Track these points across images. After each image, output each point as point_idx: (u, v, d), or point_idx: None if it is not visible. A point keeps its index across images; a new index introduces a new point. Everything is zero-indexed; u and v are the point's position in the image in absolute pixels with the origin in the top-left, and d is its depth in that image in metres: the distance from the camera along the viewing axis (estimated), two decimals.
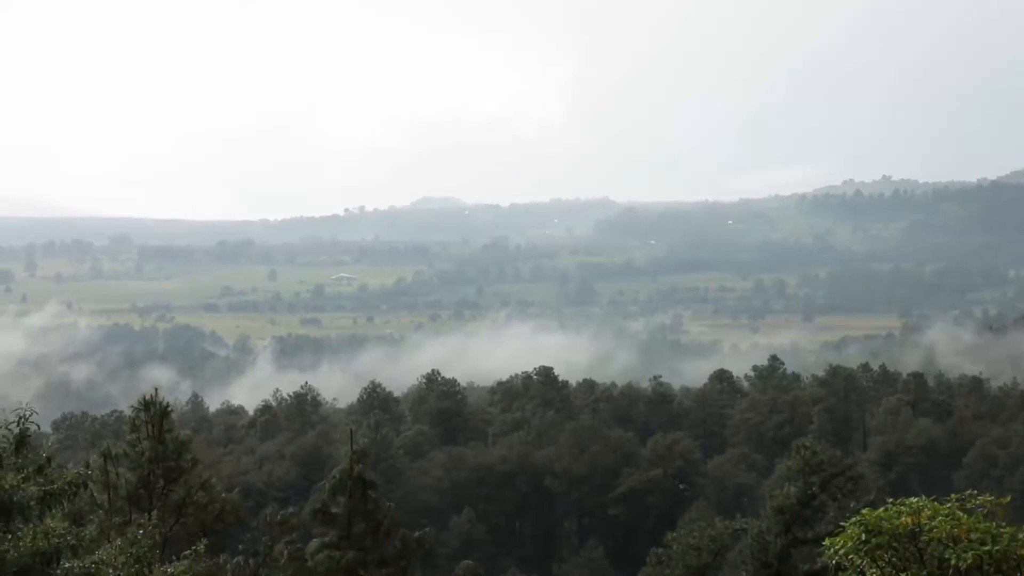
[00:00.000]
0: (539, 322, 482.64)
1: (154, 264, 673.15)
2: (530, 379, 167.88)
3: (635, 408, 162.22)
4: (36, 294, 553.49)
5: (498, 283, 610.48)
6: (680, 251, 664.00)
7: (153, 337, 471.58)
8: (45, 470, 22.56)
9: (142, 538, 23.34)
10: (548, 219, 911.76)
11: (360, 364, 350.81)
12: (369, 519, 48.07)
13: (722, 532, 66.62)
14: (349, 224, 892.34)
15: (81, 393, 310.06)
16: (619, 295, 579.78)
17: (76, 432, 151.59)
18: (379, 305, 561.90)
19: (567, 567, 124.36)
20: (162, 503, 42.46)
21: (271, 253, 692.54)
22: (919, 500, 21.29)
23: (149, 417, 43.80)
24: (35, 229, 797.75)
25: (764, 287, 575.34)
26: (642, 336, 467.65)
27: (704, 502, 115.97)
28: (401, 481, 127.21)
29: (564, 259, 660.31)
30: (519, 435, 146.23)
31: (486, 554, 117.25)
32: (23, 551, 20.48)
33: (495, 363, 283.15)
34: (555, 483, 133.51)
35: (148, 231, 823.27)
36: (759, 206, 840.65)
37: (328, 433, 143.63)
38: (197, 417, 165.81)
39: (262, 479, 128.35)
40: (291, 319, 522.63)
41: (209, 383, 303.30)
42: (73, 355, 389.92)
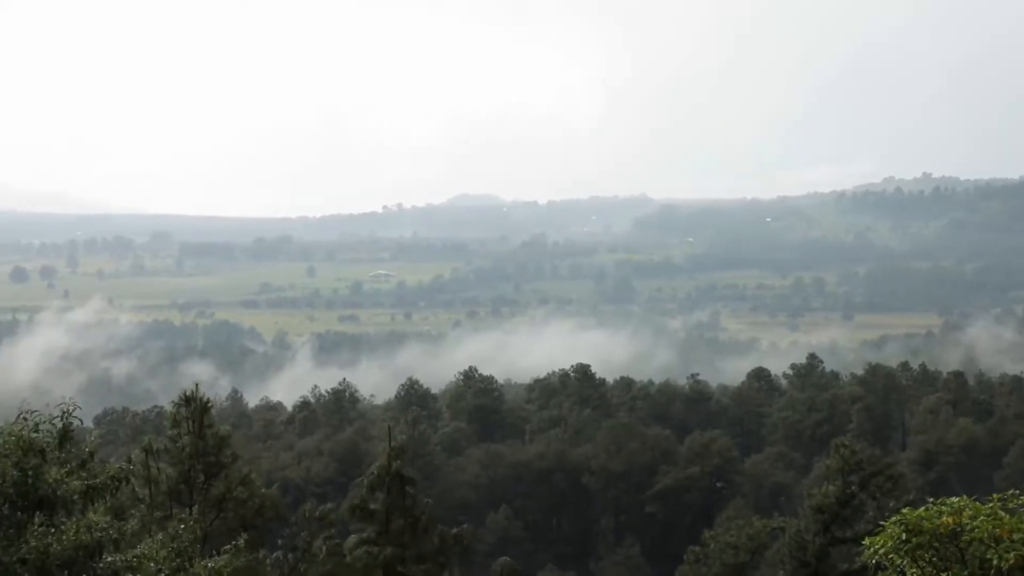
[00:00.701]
0: (577, 320, 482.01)
1: (194, 261, 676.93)
2: (567, 376, 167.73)
3: (672, 406, 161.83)
4: (78, 290, 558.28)
5: (536, 280, 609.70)
6: (718, 248, 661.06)
7: (193, 333, 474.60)
8: (88, 465, 22.75)
9: (183, 532, 23.49)
10: (586, 216, 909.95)
11: (398, 361, 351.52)
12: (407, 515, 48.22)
13: (760, 531, 66.41)
14: (387, 221, 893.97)
15: (122, 388, 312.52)
16: (657, 293, 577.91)
17: (117, 427, 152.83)
18: (417, 302, 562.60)
19: (604, 564, 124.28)
20: (202, 498, 42.76)
21: (310, 250, 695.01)
22: (960, 500, 21.16)
23: (190, 412, 44.12)
24: (77, 226, 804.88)
25: (803, 285, 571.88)
26: (680, 334, 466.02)
27: (741, 500, 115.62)
28: (438, 478, 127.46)
29: (602, 256, 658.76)
30: (556, 432, 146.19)
31: (523, 551, 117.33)
32: (66, 545, 20.68)
33: (532, 360, 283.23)
34: (592, 480, 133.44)
35: (188, 228, 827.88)
36: (798, 203, 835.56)
37: (366, 429, 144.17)
38: (236, 413, 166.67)
39: (301, 475, 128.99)
40: (329, 316, 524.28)
41: (248, 379, 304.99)
42: (114, 351, 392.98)
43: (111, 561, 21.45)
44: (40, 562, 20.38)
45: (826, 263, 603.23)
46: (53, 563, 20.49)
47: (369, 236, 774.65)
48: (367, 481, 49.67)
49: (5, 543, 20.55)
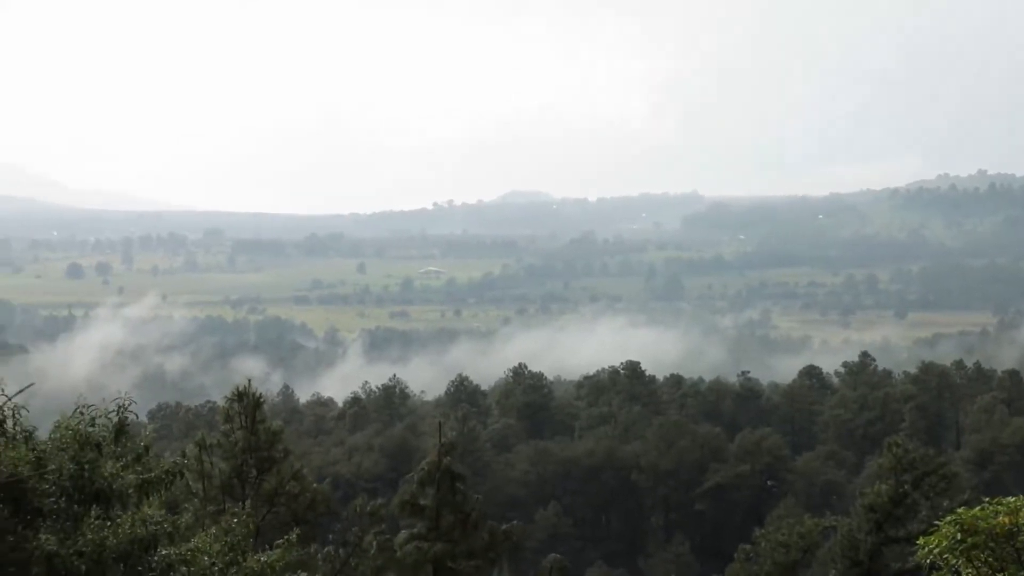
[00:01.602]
0: (626, 317, 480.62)
1: (246, 257, 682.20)
2: (617, 374, 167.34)
3: (723, 404, 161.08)
4: (133, 286, 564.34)
5: (585, 277, 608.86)
6: (769, 246, 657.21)
7: (245, 329, 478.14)
8: (143, 459, 22.95)
9: (236, 527, 23.66)
10: (636, 213, 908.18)
11: (447, 357, 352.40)
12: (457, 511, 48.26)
13: (811, 529, 65.87)
14: (437, 218, 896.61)
15: (175, 383, 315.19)
16: (707, 290, 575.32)
17: (171, 422, 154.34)
18: (466, 299, 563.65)
19: (653, 562, 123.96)
20: (255, 493, 43.04)
21: (360, 246, 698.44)
22: (1016, 499, 20.94)
23: (242, 408, 44.40)
24: (132, 223, 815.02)
25: (855, 282, 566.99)
26: (730, 331, 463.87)
27: (792, 499, 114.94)
28: (488, 474, 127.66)
29: (652, 254, 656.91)
30: (605, 429, 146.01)
31: (572, 548, 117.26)
32: (122, 538, 20.90)
33: (582, 357, 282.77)
34: (641, 478, 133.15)
35: (241, 225, 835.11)
36: (850, 200, 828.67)
37: (416, 425, 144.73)
38: (288, 408, 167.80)
39: (351, 470, 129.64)
40: (380, 312, 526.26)
41: (299, 375, 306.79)
42: (168, 346, 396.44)
43: (165, 554, 21.64)
44: (96, 555, 20.60)
45: (879, 261, 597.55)
46: (109, 556, 20.70)
47: (419, 233, 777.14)
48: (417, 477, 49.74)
49: (62, 536, 20.81)
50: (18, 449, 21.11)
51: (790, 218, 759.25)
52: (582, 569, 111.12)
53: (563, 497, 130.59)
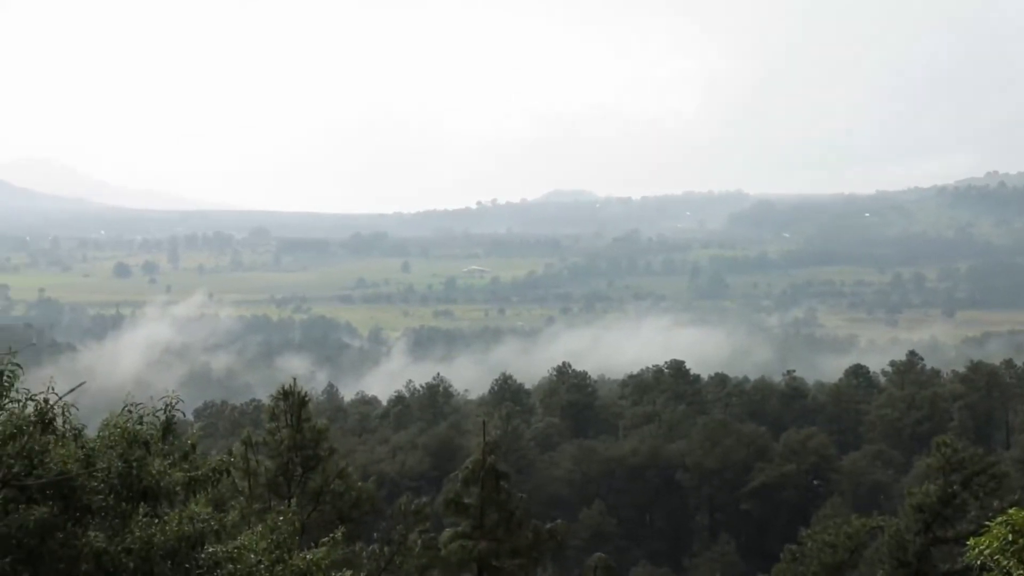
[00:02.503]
0: (670, 316, 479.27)
1: (291, 256, 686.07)
2: (661, 373, 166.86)
3: (768, 403, 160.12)
4: (179, 285, 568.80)
5: (629, 276, 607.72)
6: (815, 244, 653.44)
7: (290, 328, 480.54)
8: (190, 457, 23.07)
9: (282, 524, 23.74)
10: (680, 212, 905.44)
11: (491, 356, 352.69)
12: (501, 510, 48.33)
13: (858, 529, 65.36)
14: (481, 217, 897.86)
15: (221, 381, 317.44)
16: (752, 289, 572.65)
17: (216, 420, 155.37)
18: (510, 297, 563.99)
19: (698, 561, 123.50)
20: (300, 491, 43.24)
21: (404, 245, 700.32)
22: None
23: (288, 406, 44.64)
24: (178, 222, 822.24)
25: (902, 281, 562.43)
26: (775, 330, 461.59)
27: (839, 499, 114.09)
28: (532, 473, 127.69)
29: (696, 252, 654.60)
30: (650, 428, 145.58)
31: (616, 547, 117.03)
32: (170, 535, 21.02)
33: (626, 356, 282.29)
34: (686, 477, 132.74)
35: (286, 224, 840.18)
36: (897, 198, 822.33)
37: (460, 424, 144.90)
38: (332, 407, 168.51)
39: (395, 468, 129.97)
40: (424, 311, 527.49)
41: (344, 373, 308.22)
42: (214, 345, 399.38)
43: (212, 552, 21.75)
44: (144, 552, 20.74)
45: (926, 259, 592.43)
46: (157, 553, 20.83)
47: (463, 232, 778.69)
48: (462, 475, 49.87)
49: (111, 533, 20.96)
50: (67, 447, 21.27)
51: (836, 216, 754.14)
52: (626, 568, 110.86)
53: (607, 496, 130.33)
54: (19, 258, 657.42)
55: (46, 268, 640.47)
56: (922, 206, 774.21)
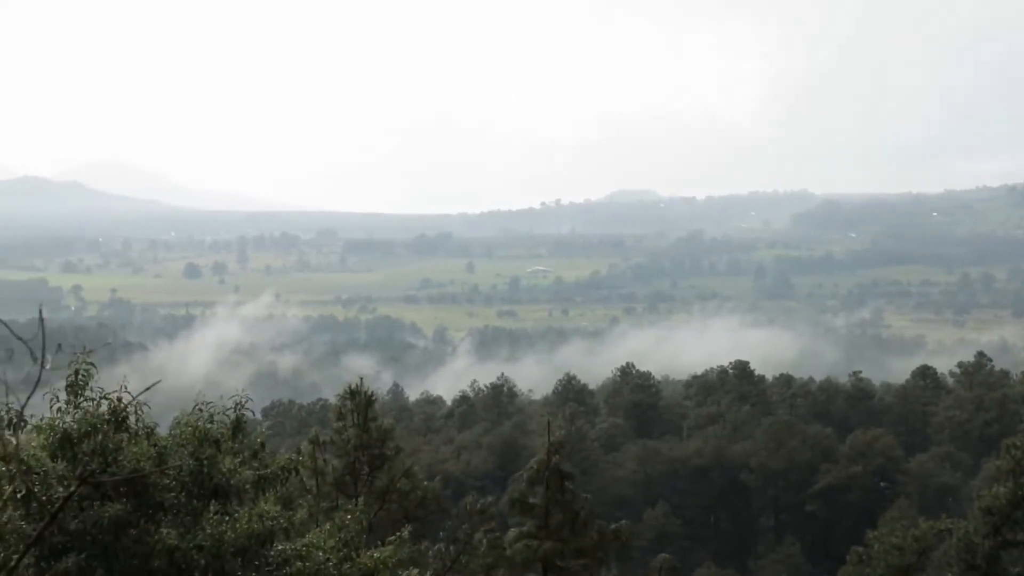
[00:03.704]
0: (734, 316, 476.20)
1: (357, 257, 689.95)
2: (725, 373, 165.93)
3: (833, 404, 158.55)
4: (247, 285, 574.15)
5: (693, 276, 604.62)
6: (882, 244, 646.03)
7: (356, 327, 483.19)
8: (259, 455, 23.39)
9: (350, 523, 24.02)
10: (745, 212, 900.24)
11: (555, 356, 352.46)
12: (566, 510, 48.41)
13: (926, 532, 64.67)
14: (545, 217, 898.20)
15: (288, 381, 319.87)
16: (817, 289, 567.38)
17: (284, 419, 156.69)
18: (574, 298, 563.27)
19: (763, 563, 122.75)
20: (367, 489, 43.61)
21: (469, 246, 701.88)
22: None
23: (355, 405, 45.04)
24: (247, 223, 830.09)
25: (970, 281, 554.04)
26: (841, 331, 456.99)
27: (906, 501, 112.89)
28: (596, 473, 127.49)
29: (761, 252, 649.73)
30: (714, 429, 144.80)
31: (680, 548, 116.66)
32: (240, 533, 21.30)
33: (690, 357, 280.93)
34: (751, 478, 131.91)
35: (352, 225, 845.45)
36: (966, 198, 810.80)
37: (524, 424, 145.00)
38: (398, 406, 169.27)
39: (460, 468, 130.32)
40: (488, 311, 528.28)
41: (408, 373, 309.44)
42: (281, 345, 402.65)
43: (281, 549, 22.04)
44: (215, 549, 21.07)
45: (995, 259, 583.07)
46: (227, 550, 21.14)
47: (527, 232, 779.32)
48: (526, 475, 50.00)
49: (182, 530, 21.29)
50: (140, 445, 21.68)
51: (903, 215, 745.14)
52: (691, 569, 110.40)
53: (671, 497, 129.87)
54: (92, 259, 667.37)
55: (118, 269, 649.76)
56: (991, 205, 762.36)
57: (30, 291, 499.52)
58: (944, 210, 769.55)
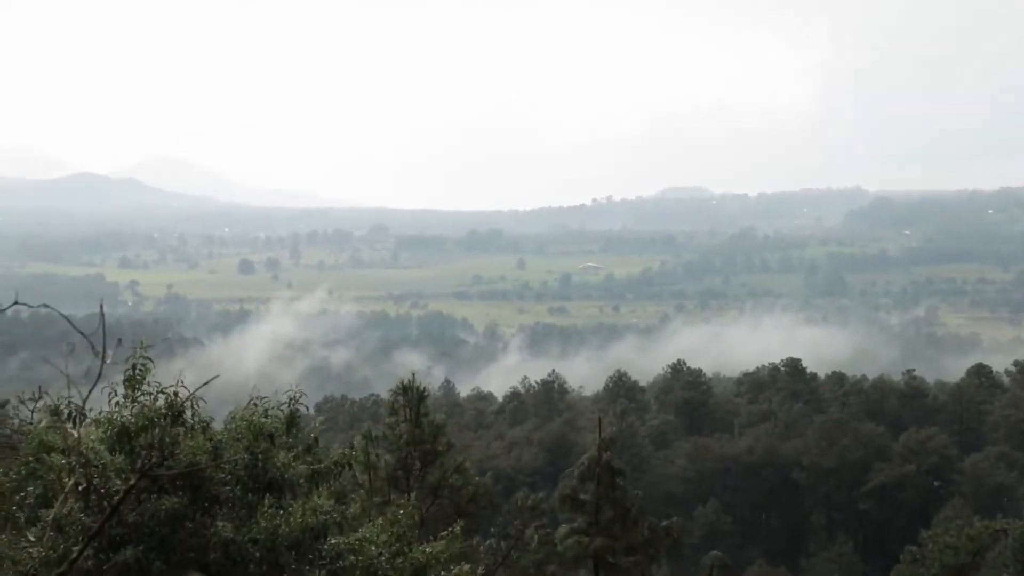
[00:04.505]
0: (787, 314, 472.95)
1: (409, 253, 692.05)
2: (777, 371, 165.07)
3: (887, 402, 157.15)
4: (300, 281, 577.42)
5: (745, 274, 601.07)
6: (936, 241, 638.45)
7: (407, 323, 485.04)
8: (313, 450, 23.55)
9: (402, 518, 24.16)
10: (797, 209, 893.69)
11: (606, 353, 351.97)
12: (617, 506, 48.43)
13: (981, 532, 64.12)
14: (596, 214, 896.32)
15: (341, 376, 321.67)
16: (871, 286, 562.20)
17: (336, 414, 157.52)
18: (625, 294, 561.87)
19: (815, 561, 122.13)
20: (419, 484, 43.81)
21: (520, 242, 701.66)
22: None
23: (407, 401, 45.26)
24: (300, 219, 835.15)
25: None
26: (895, 329, 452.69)
27: (960, 500, 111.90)
28: (646, 470, 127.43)
29: (813, 249, 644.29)
30: (766, 427, 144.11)
31: (731, 545, 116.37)
32: (294, 527, 21.46)
33: (741, 354, 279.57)
34: (802, 476, 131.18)
35: (404, 221, 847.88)
36: (1022, 195, 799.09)
37: (574, 420, 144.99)
38: (449, 402, 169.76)
39: (511, 464, 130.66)
40: (539, 307, 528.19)
41: (460, 369, 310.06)
42: (333, 340, 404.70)
43: (335, 543, 22.19)
44: (270, 542, 21.25)
45: None
46: (282, 544, 21.31)
47: (578, 229, 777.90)
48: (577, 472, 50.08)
49: (237, 523, 21.49)
50: (196, 439, 21.92)
51: (958, 213, 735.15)
52: (742, 567, 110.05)
53: (722, 494, 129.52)
54: (148, 255, 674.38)
55: (174, 265, 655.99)
56: None
57: (88, 286, 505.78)
58: (1000, 207, 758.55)
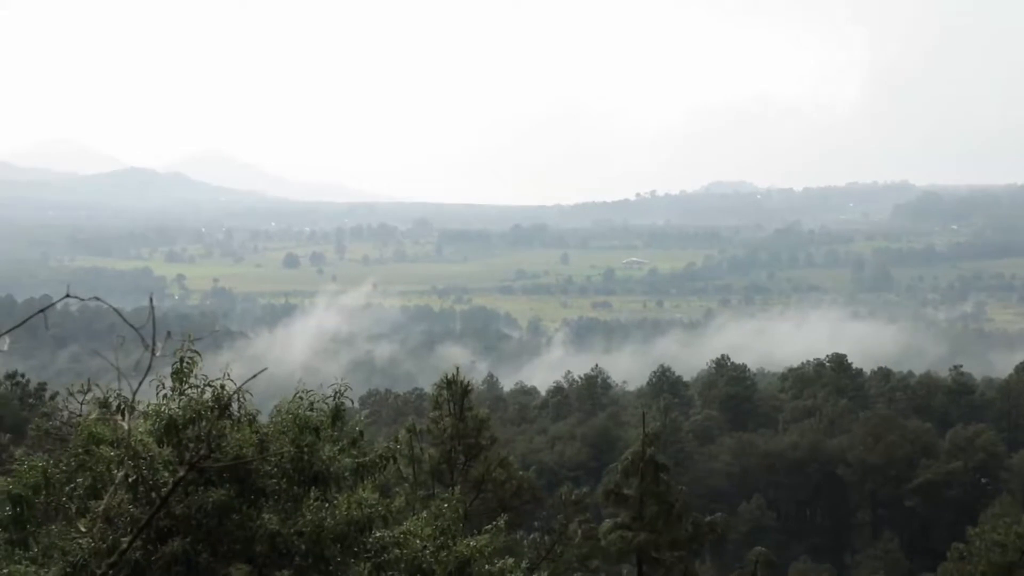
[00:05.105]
0: (832, 309, 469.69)
1: (453, 247, 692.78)
2: (822, 366, 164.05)
3: (933, 398, 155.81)
4: (345, 275, 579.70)
5: (790, 268, 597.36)
6: (985, 236, 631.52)
7: (451, 318, 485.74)
8: (358, 443, 23.65)
9: (447, 511, 24.23)
10: (843, 203, 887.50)
11: (649, 348, 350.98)
12: (661, 501, 48.31)
13: None
14: (640, 209, 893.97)
15: (384, 370, 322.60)
16: (918, 282, 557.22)
17: (380, 408, 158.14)
18: (669, 289, 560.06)
19: (860, 558, 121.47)
20: (463, 478, 43.87)
21: (564, 237, 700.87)
22: None
23: (451, 395, 45.33)
24: (345, 214, 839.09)
25: None
26: (942, 324, 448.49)
27: (1008, 497, 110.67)
28: (690, 465, 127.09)
29: (859, 244, 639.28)
30: (810, 423, 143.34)
31: (776, 541, 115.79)
32: (339, 520, 21.58)
33: (786, 350, 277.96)
34: (848, 472, 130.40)
35: (448, 216, 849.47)
36: None
37: (618, 415, 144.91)
38: (492, 396, 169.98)
39: (554, 458, 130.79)
40: (582, 302, 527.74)
41: (503, 363, 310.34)
42: (377, 334, 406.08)
43: (379, 536, 22.28)
44: (315, 535, 21.39)
45: None
46: (327, 536, 21.45)
47: (622, 223, 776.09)
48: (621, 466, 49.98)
49: (284, 516, 21.64)
50: (243, 432, 22.09)
51: (1007, 207, 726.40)
52: (787, 563, 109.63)
53: (766, 490, 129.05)
54: (195, 249, 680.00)
55: (220, 259, 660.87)
56: None
57: (135, 280, 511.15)
58: None
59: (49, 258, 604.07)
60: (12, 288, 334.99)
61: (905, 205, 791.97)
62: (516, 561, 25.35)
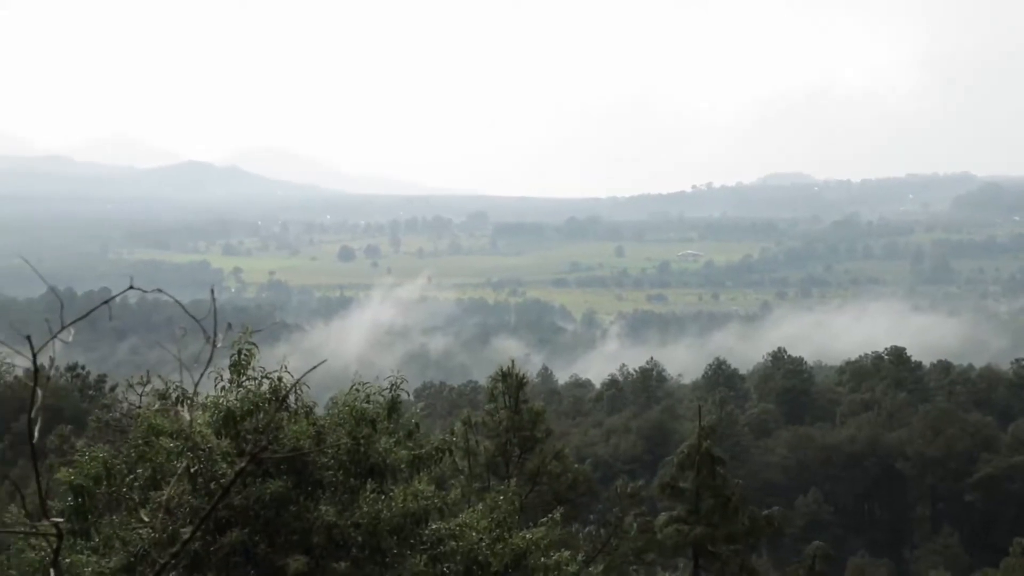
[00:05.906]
0: (890, 301, 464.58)
1: (507, 240, 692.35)
2: (881, 359, 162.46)
3: (995, 392, 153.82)
4: (399, 268, 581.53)
5: (848, 261, 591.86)
6: None
7: (505, 310, 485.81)
8: (414, 435, 23.75)
9: (502, 504, 24.26)
10: (903, 195, 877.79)
11: (705, 341, 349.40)
12: (717, 495, 48.10)
13: None
14: (696, 201, 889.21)
15: (439, 362, 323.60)
16: (979, 274, 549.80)
17: (435, 400, 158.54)
18: (724, 282, 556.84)
19: (919, 553, 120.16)
20: (518, 471, 43.88)
21: (619, 229, 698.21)
22: None
23: (506, 387, 45.35)
24: (400, 206, 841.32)
25: None
26: (1004, 317, 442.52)
27: None
28: (746, 459, 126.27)
29: (919, 236, 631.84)
30: (868, 416, 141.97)
31: (833, 536, 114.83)
32: (395, 511, 21.66)
33: (843, 342, 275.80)
34: (907, 466, 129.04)
35: (502, 208, 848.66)
36: None
37: (673, 408, 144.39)
38: (547, 389, 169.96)
39: (608, 452, 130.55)
40: (637, 295, 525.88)
41: (557, 356, 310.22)
42: (432, 327, 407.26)
43: (435, 529, 22.37)
44: (372, 527, 21.50)
45: None
46: (383, 528, 21.55)
47: (678, 216, 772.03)
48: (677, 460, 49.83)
49: (340, 507, 21.78)
50: (300, 424, 22.25)
51: None
52: (844, 558, 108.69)
53: (824, 484, 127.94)
54: (251, 242, 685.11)
55: (276, 252, 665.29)
56: None
57: (193, 273, 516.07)
58: None
59: (108, 251, 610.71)
60: (72, 281, 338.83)
61: (966, 196, 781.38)
62: (572, 554, 25.32)
